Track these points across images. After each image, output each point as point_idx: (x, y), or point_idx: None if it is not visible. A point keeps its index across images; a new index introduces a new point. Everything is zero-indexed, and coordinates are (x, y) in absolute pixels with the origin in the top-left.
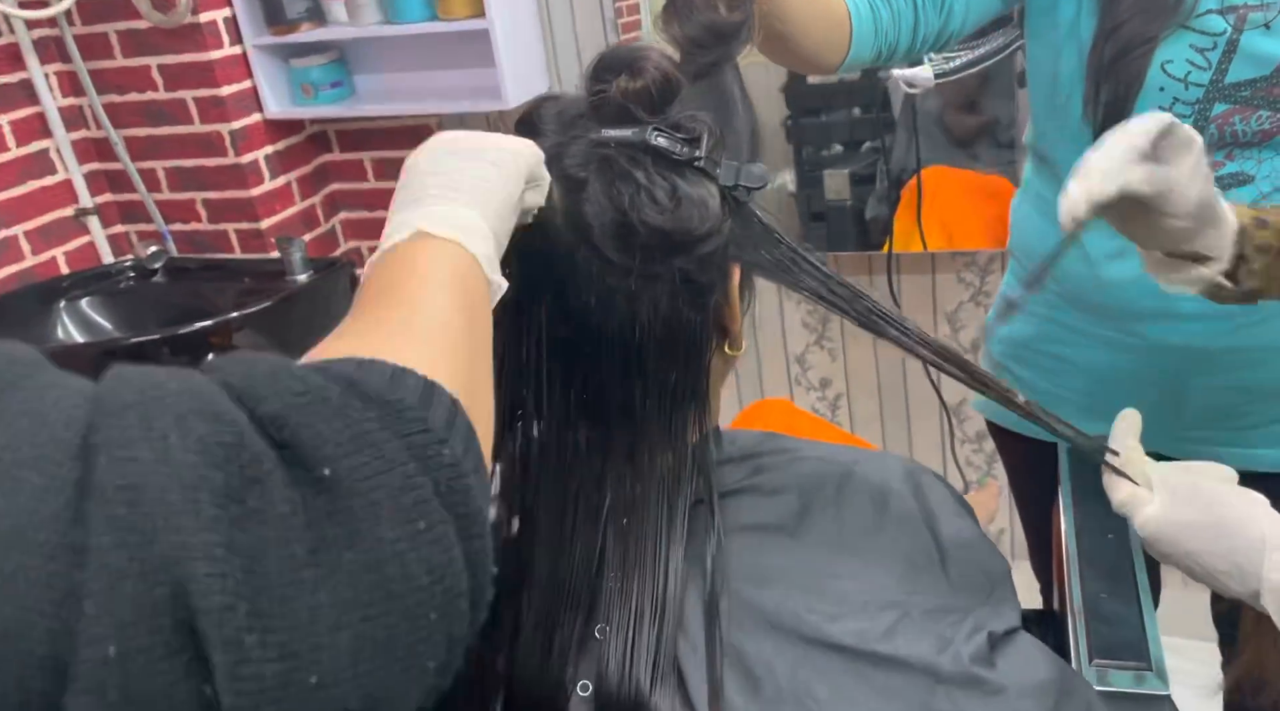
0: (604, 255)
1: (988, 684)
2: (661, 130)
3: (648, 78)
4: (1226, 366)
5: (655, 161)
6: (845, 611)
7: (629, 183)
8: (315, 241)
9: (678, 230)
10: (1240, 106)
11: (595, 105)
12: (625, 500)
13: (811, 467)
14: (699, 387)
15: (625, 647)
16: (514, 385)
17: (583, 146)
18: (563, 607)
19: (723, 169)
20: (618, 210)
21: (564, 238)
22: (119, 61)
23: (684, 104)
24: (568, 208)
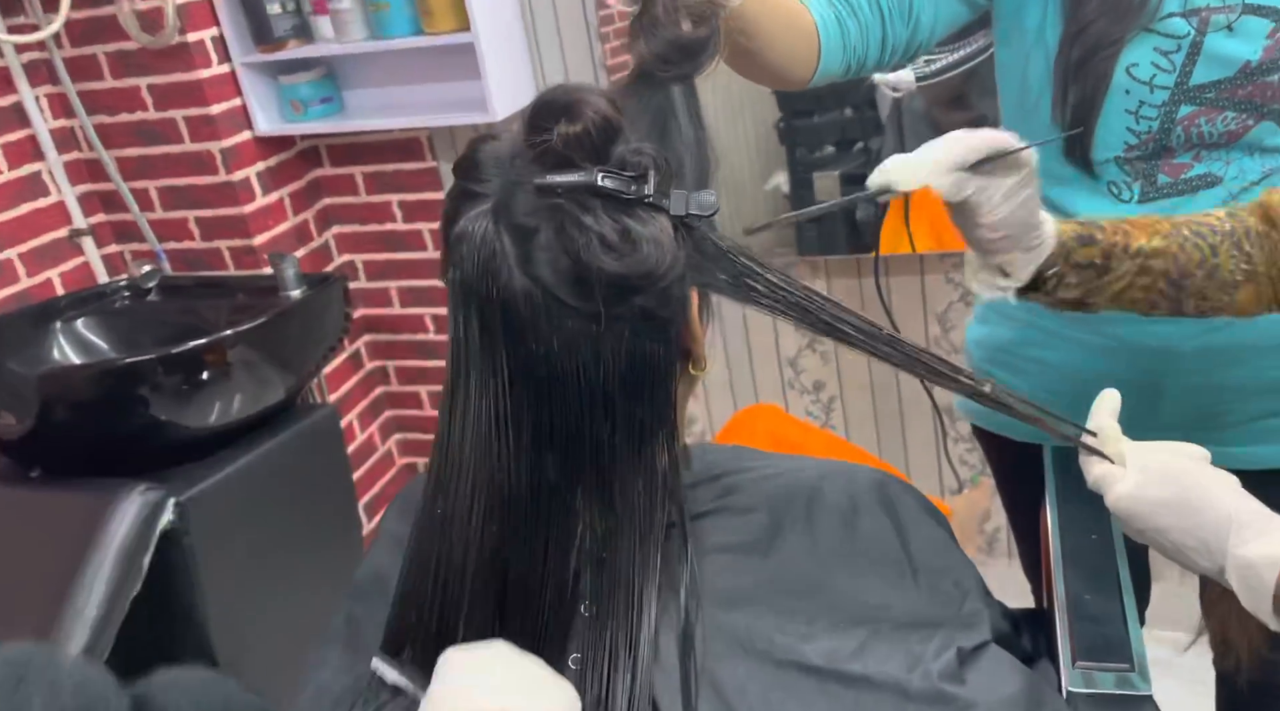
0: (562, 302)
1: (957, 700)
2: (608, 171)
3: (586, 121)
4: (1200, 367)
5: (604, 204)
6: (816, 631)
7: (580, 230)
8: (308, 257)
9: (635, 274)
10: (1206, 108)
11: (538, 155)
12: (598, 534)
13: (781, 484)
14: (667, 416)
15: (602, 684)
16: (484, 425)
17: (530, 194)
18: (538, 639)
19: (673, 200)
20: (572, 258)
21: (520, 283)
22: (109, 83)
23: (634, 136)
24: (521, 256)
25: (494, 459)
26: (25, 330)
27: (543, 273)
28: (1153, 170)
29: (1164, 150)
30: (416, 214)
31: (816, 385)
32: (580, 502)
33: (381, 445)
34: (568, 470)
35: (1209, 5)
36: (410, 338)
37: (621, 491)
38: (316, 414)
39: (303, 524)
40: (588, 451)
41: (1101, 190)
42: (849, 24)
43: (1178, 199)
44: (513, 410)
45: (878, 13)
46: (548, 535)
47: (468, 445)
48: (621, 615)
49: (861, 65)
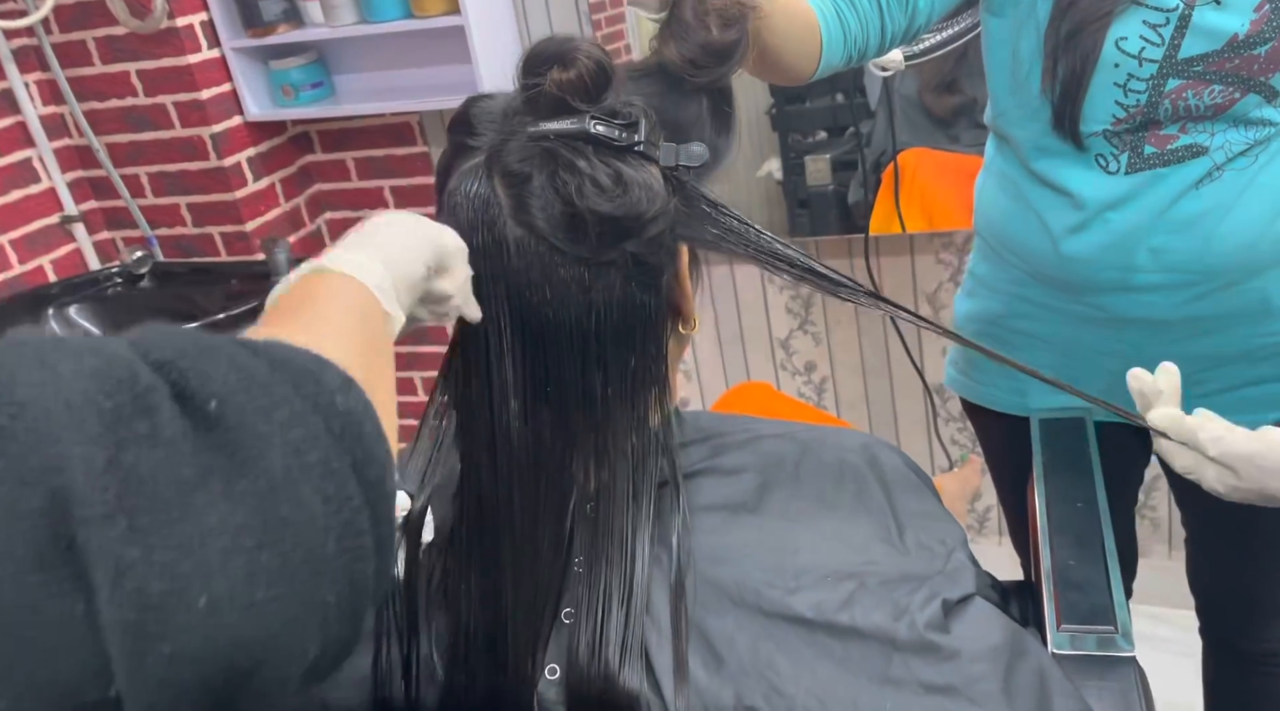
0: (555, 246)
1: (942, 649)
2: (599, 118)
3: (580, 67)
4: (1186, 335)
5: (596, 149)
6: (804, 584)
7: (573, 173)
8: (300, 242)
9: (626, 215)
10: (1193, 81)
11: (530, 99)
12: (592, 487)
13: (770, 446)
14: (658, 370)
15: (595, 631)
16: (475, 377)
17: (522, 141)
18: (532, 594)
19: (662, 151)
20: (564, 201)
21: (513, 231)
22: (98, 68)
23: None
24: (514, 202)
25: (491, 411)
26: (18, 317)
27: (536, 219)
28: (1139, 142)
29: (1151, 123)
30: (408, 199)
31: (808, 366)
32: (574, 457)
33: None
34: (562, 423)
35: None
36: None
37: (614, 445)
38: None
39: None
40: (581, 403)
41: (1089, 162)
42: (848, 17)
43: (1163, 169)
44: (509, 363)
45: (875, 3)
46: (543, 488)
47: (469, 398)
48: (615, 563)
49: (862, 55)
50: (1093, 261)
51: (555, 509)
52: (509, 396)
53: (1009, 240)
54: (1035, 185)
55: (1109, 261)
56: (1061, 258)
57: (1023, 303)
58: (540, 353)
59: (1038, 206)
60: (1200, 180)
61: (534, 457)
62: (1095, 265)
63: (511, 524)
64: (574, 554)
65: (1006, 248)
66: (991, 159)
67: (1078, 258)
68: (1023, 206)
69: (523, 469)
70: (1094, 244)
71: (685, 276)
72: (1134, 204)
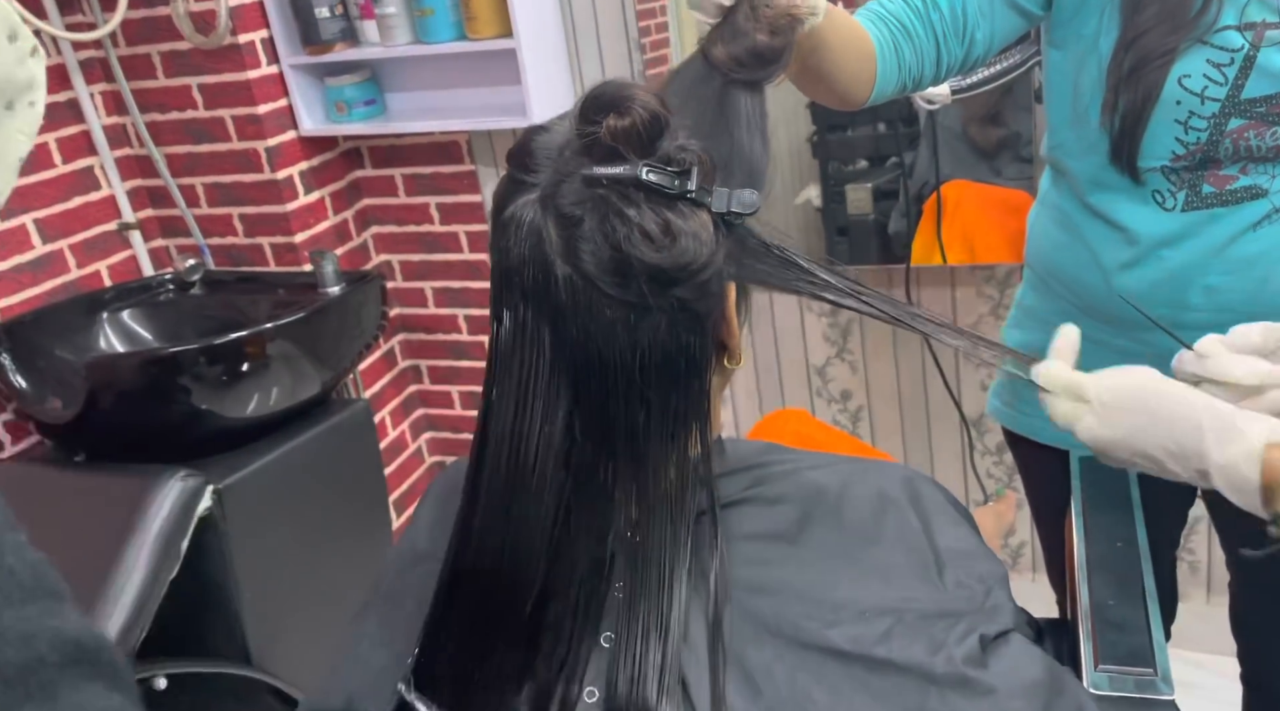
0: (602, 290)
1: (979, 684)
2: (652, 166)
3: (635, 117)
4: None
5: (648, 197)
6: (842, 617)
7: (623, 221)
8: (347, 255)
9: (674, 266)
10: (1255, 122)
11: (586, 146)
12: (631, 518)
13: (811, 478)
14: (700, 406)
15: (634, 662)
16: (523, 408)
17: (576, 184)
18: (572, 617)
19: (715, 197)
20: (613, 247)
21: (562, 270)
22: (161, 81)
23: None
24: (565, 244)
25: (532, 442)
26: (74, 319)
27: (585, 261)
28: (1198, 180)
29: (1211, 161)
30: (454, 216)
31: (844, 394)
32: (615, 487)
33: (412, 443)
34: (603, 456)
35: (1265, 20)
36: (444, 338)
37: (655, 477)
38: (351, 408)
39: (334, 515)
40: (623, 438)
41: (1145, 197)
42: (904, 46)
43: (1220, 209)
44: (551, 395)
45: (932, 35)
46: (584, 519)
47: (508, 428)
48: (653, 595)
49: (918, 84)
50: (1144, 297)
51: (595, 535)
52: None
53: (1060, 272)
54: (1090, 219)
55: (1161, 298)
56: (1113, 292)
57: None
58: (583, 387)
59: (1091, 240)
60: (1258, 222)
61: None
62: (1147, 301)
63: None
64: (614, 578)
65: (1057, 280)
66: (1046, 191)
67: (1129, 293)
68: (1076, 239)
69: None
70: (1147, 280)
71: (732, 313)
72: (1189, 242)
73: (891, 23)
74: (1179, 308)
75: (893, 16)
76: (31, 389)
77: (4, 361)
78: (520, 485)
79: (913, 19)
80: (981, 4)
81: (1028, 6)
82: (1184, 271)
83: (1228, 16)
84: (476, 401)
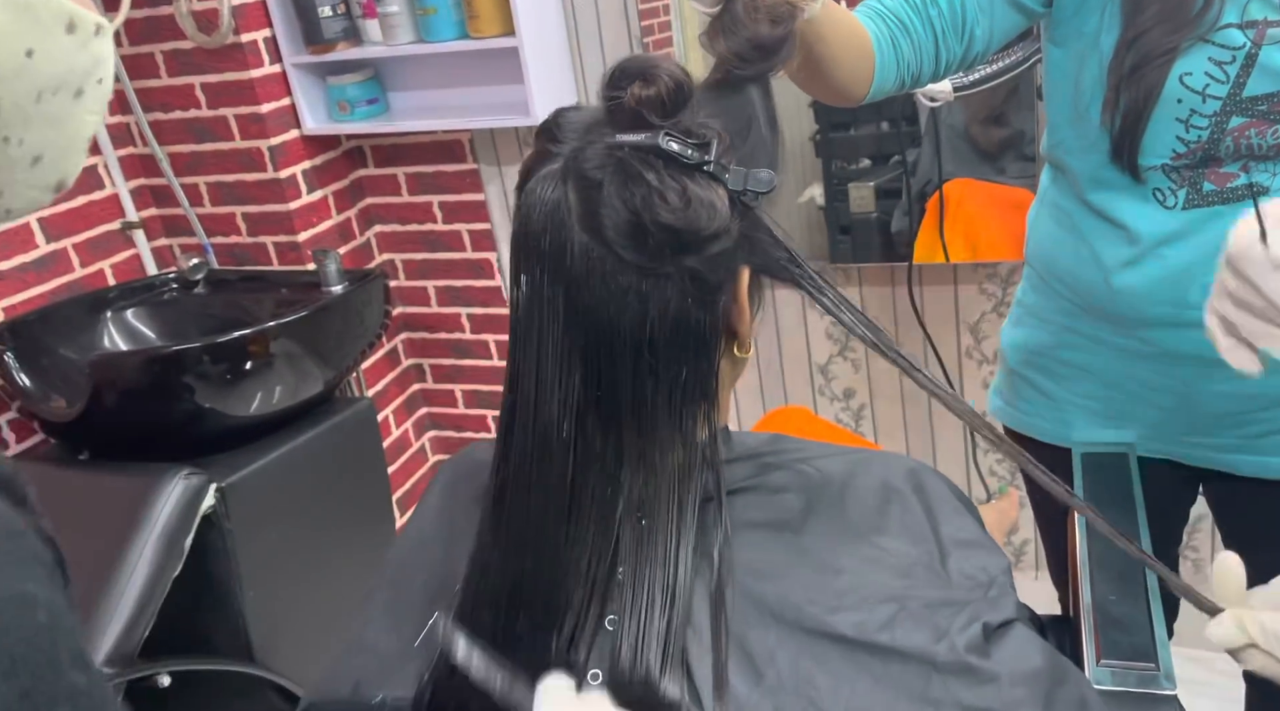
0: (617, 253)
1: (982, 672)
2: (673, 135)
3: (660, 85)
4: (1236, 374)
5: (667, 165)
6: (845, 604)
7: (641, 184)
8: (350, 254)
9: (687, 229)
10: (1257, 120)
11: (610, 111)
12: (638, 496)
13: (816, 467)
14: (708, 386)
15: (637, 634)
16: (529, 381)
17: (599, 150)
18: (577, 598)
19: (731, 174)
20: (630, 210)
21: (579, 237)
22: (164, 80)
23: (703, 113)
24: (583, 207)
25: (552, 407)
26: (77, 318)
27: (602, 225)
28: (1199, 178)
29: (1212, 159)
30: (456, 215)
31: (846, 392)
32: (622, 463)
33: (415, 442)
34: (612, 428)
35: (1266, 18)
36: (447, 336)
37: (661, 455)
38: (354, 407)
39: (337, 513)
40: (630, 411)
41: (1146, 195)
42: (901, 42)
43: (1221, 207)
44: (566, 361)
45: (930, 31)
46: (594, 493)
47: (530, 393)
48: (658, 571)
49: (916, 80)
50: (1145, 296)
51: (601, 513)
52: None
53: (1060, 271)
54: (1090, 217)
55: (1161, 296)
56: (1113, 291)
57: (1071, 334)
58: (593, 357)
59: (1091, 238)
60: None
61: (582, 462)
62: (1147, 300)
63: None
64: (619, 561)
65: (1057, 278)
66: (1046, 189)
67: (1130, 291)
68: (1076, 238)
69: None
70: (1147, 278)
71: (744, 299)
72: (1189, 240)
73: (890, 19)
74: (1179, 306)
75: (891, 13)
76: (35, 387)
77: (8, 360)
78: (543, 450)
79: (911, 15)
80: (981, 1)
81: (1027, 3)
82: (1185, 269)
83: (1229, 14)
84: (479, 400)
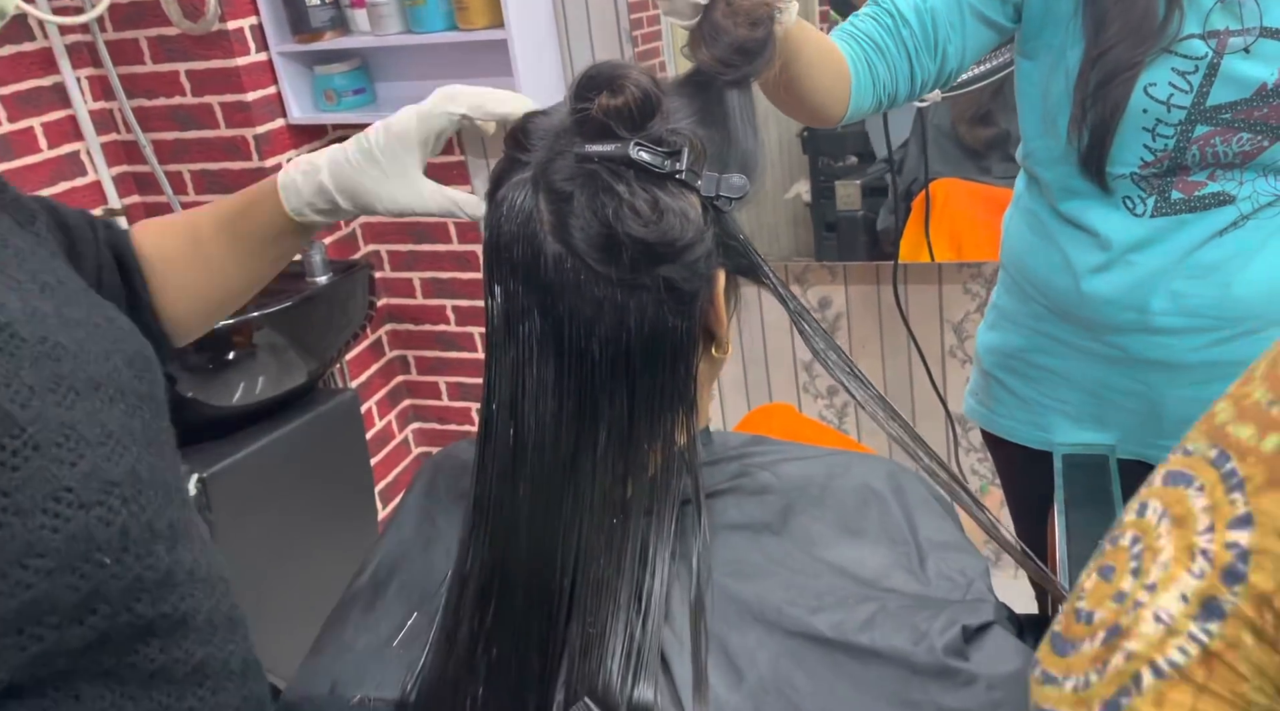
0: (590, 266)
1: (961, 674)
2: (643, 144)
3: (628, 95)
4: (1202, 379)
5: (638, 175)
6: (825, 604)
7: (612, 196)
8: (335, 244)
9: (660, 241)
10: (1221, 128)
11: (579, 122)
12: (614, 501)
13: (796, 469)
14: (686, 391)
15: (607, 640)
16: (505, 389)
17: (569, 161)
18: (556, 603)
19: (704, 180)
20: (602, 223)
21: (552, 247)
22: (149, 67)
23: (675, 119)
24: (555, 219)
25: (528, 418)
26: None
27: (574, 237)
28: (1167, 187)
29: (1179, 168)
30: None
31: (831, 390)
32: (599, 470)
33: (398, 433)
34: (589, 437)
35: (1227, 28)
36: (431, 328)
37: (638, 461)
38: (337, 398)
39: (320, 504)
40: (607, 418)
41: (1116, 203)
42: (876, 63)
43: (1189, 215)
44: (539, 374)
45: (904, 51)
46: (567, 499)
47: (502, 406)
48: (634, 573)
49: (893, 100)
50: (1113, 301)
51: (581, 519)
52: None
53: (1033, 276)
54: (1062, 224)
55: (1129, 302)
56: (1082, 296)
57: (1044, 338)
58: (569, 366)
59: (1063, 244)
60: (1224, 228)
61: (558, 467)
62: (1115, 305)
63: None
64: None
65: (1030, 283)
66: (1020, 195)
67: (1098, 297)
68: (1048, 243)
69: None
70: (1115, 284)
71: (720, 301)
72: (1157, 247)
73: (863, 40)
74: (1145, 312)
75: (864, 34)
76: None
77: None
78: (521, 458)
79: (884, 35)
80: (951, 18)
81: (996, 19)
82: (1150, 276)
83: (1191, 25)
84: (463, 392)
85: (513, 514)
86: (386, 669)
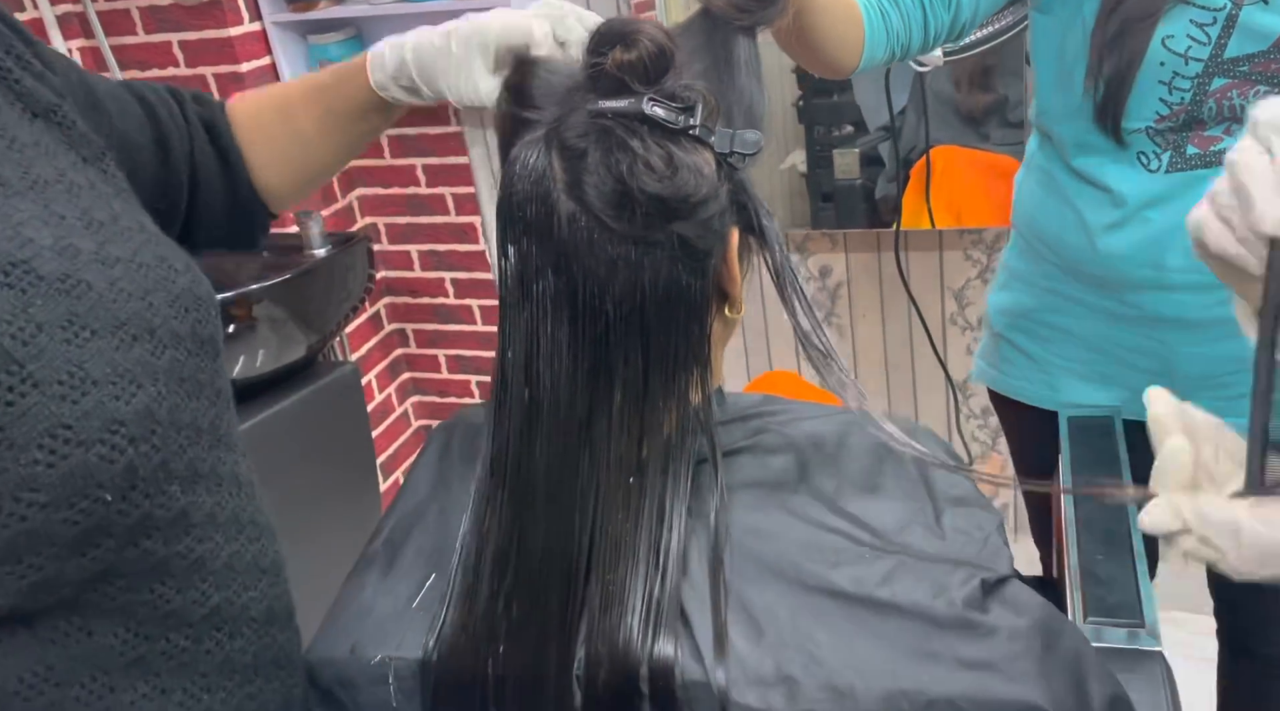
0: (604, 223)
1: (980, 626)
2: (657, 100)
3: (641, 49)
4: (1215, 336)
5: (651, 131)
6: (844, 560)
7: (626, 152)
8: (332, 218)
9: (674, 196)
10: (1239, 81)
11: (592, 77)
12: (630, 460)
13: (811, 427)
14: (701, 350)
15: (626, 596)
16: (519, 350)
17: (581, 118)
18: (576, 560)
19: (717, 136)
20: (616, 179)
21: (566, 206)
22: (141, 37)
23: (687, 74)
24: (569, 177)
25: (540, 383)
26: None
27: (588, 194)
28: (1182, 141)
29: (1195, 122)
30: (440, 178)
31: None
32: (615, 429)
33: (398, 406)
34: (604, 396)
35: None
36: (430, 301)
37: (654, 420)
38: (338, 371)
39: (321, 478)
40: (622, 377)
41: (1131, 159)
42: (890, 13)
43: (1204, 170)
44: (554, 334)
45: (918, 1)
46: (583, 458)
47: (520, 364)
48: (651, 530)
49: (905, 51)
50: (1128, 258)
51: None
52: (550, 365)
53: (1046, 235)
54: (1075, 181)
55: (1144, 259)
56: (1098, 254)
57: (1056, 297)
58: (584, 325)
59: (1077, 202)
60: None
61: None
62: (1131, 262)
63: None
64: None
65: (1043, 242)
66: (1033, 154)
67: (1114, 254)
68: (1062, 202)
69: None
70: (1131, 241)
71: (734, 260)
72: (1173, 203)
73: None
74: (1161, 269)
75: None
76: None
77: None
78: (536, 418)
79: None
80: None
81: None
82: (1167, 233)
83: None
84: (463, 365)
85: (530, 474)
86: (406, 630)
